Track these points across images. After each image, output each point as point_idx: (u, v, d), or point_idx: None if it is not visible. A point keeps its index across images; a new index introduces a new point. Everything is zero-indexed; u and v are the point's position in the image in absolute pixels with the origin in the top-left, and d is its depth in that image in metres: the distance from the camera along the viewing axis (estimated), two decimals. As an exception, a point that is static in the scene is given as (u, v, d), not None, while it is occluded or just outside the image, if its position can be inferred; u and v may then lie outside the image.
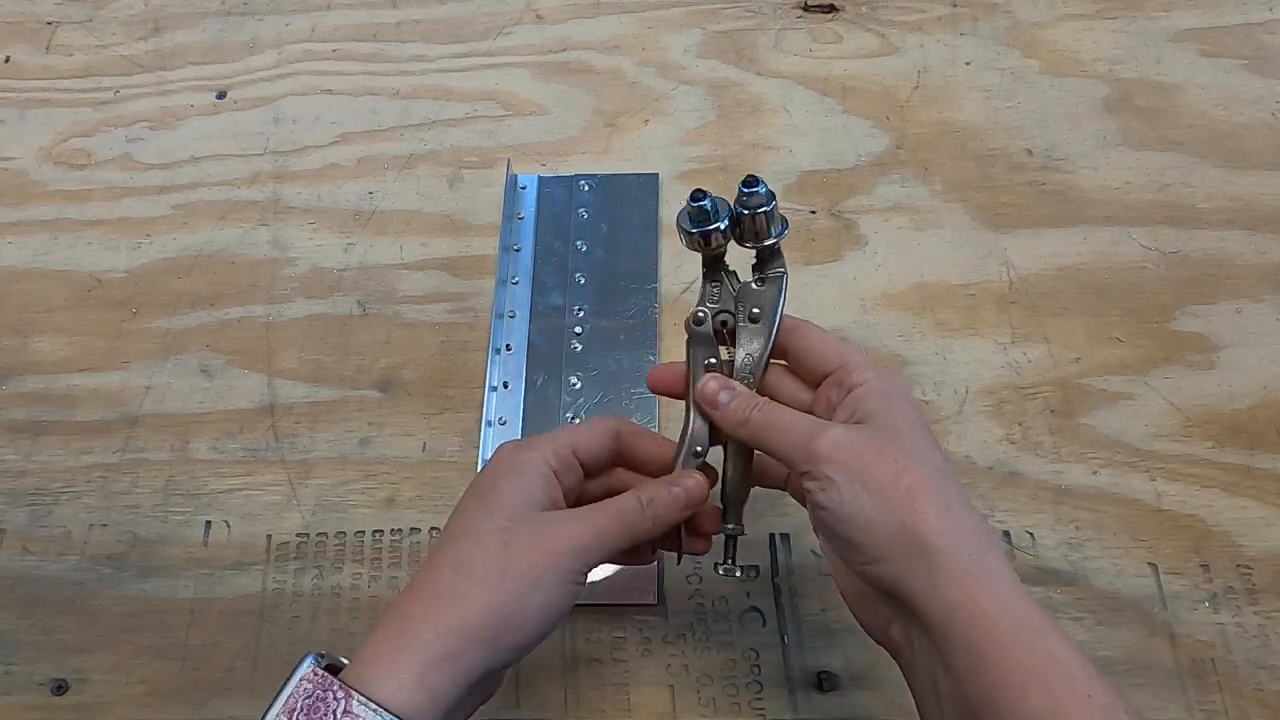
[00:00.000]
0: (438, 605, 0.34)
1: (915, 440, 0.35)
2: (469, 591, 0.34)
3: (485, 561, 0.35)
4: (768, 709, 0.44)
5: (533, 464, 0.37)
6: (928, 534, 0.33)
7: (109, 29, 0.68)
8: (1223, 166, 0.57)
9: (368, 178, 0.60)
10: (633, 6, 0.66)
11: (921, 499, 0.33)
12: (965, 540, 0.33)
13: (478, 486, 0.38)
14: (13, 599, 0.49)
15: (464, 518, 0.37)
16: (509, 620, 0.34)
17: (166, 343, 0.55)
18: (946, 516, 0.33)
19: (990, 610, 0.32)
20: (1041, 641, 0.32)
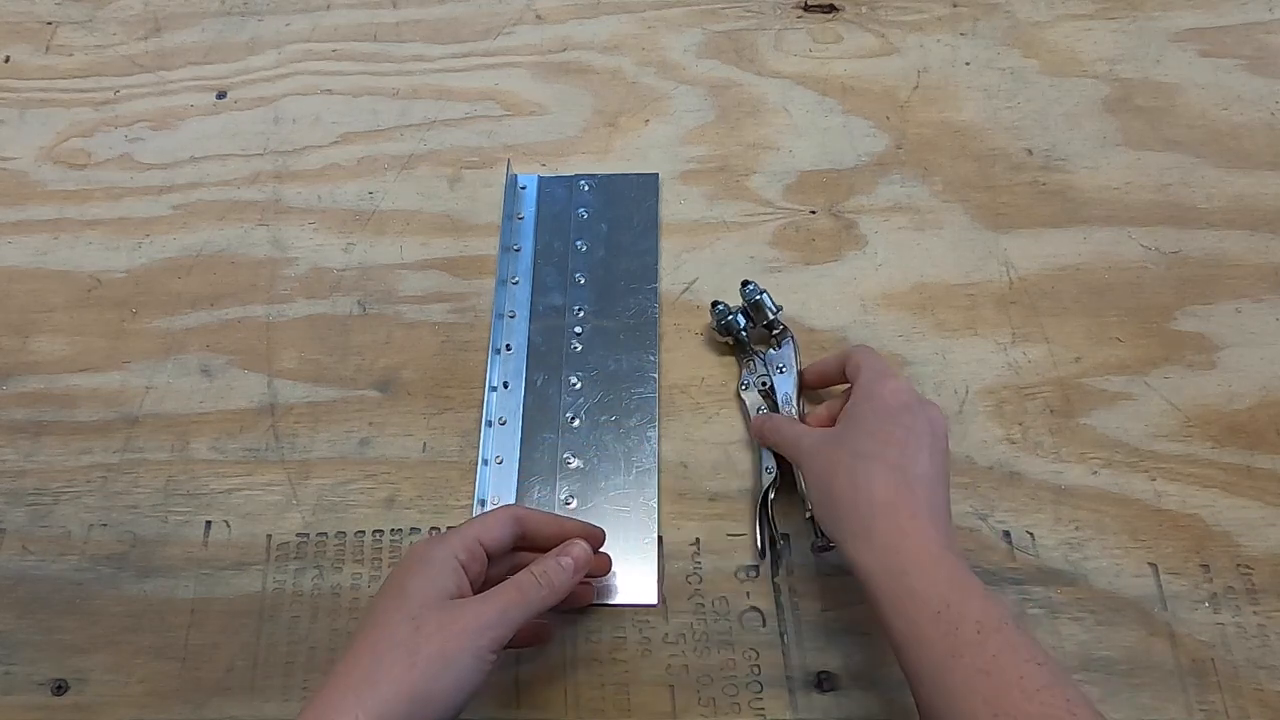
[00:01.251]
0: (357, 692, 0.36)
1: (870, 439, 0.42)
2: (384, 677, 0.37)
3: (396, 647, 0.37)
4: (768, 709, 0.44)
5: (441, 558, 0.40)
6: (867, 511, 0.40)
7: (109, 29, 0.68)
8: (1223, 166, 0.57)
9: (368, 178, 0.60)
10: (633, 6, 0.66)
11: (865, 486, 0.40)
12: (900, 511, 0.39)
13: (391, 583, 0.40)
14: (13, 599, 0.49)
15: (378, 612, 0.39)
16: (424, 700, 0.37)
17: (166, 343, 0.55)
18: (887, 493, 0.40)
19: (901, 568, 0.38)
20: (925, 585, 0.38)
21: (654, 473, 0.50)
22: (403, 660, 0.37)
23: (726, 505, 0.49)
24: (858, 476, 0.41)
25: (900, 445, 0.41)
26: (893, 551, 0.39)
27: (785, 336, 0.52)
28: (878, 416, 0.42)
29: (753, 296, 0.51)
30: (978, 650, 0.35)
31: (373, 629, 0.38)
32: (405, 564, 0.41)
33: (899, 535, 0.39)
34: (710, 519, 0.49)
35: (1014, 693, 0.34)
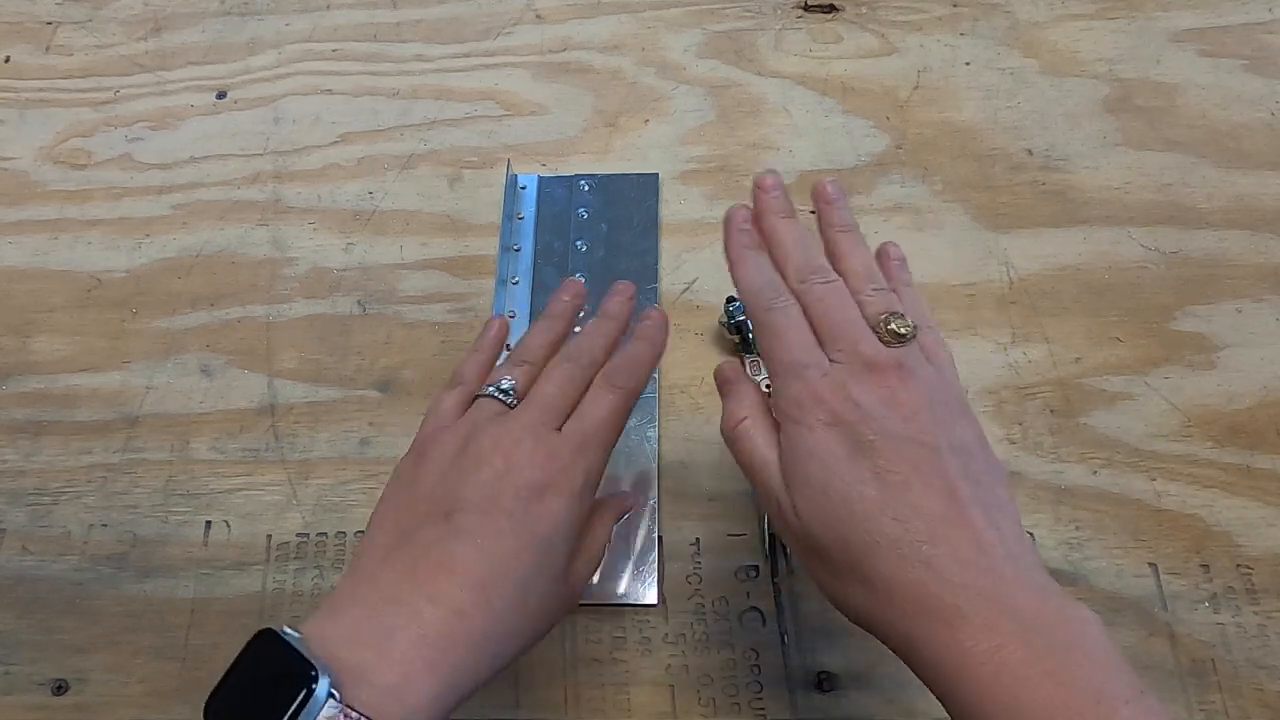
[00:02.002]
0: (476, 654, 0.33)
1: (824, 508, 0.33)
2: (510, 649, 0.34)
3: (513, 608, 0.34)
4: (768, 709, 0.44)
5: (585, 514, 0.37)
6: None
7: (109, 29, 0.68)
8: (1223, 166, 0.57)
9: (368, 178, 0.60)
10: (633, 6, 0.66)
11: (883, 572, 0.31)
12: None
13: (535, 527, 0.35)
14: (13, 599, 0.49)
15: (515, 558, 0.34)
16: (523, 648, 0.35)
17: (166, 343, 0.55)
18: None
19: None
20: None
21: (654, 473, 0.50)
22: (522, 637, 0.35)
23: (726, 505, 0.49)
24: (878, 592, 0.31)
25: (889, 511, 0.31)
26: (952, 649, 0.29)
27: None
28: (832, 479, 0.32)
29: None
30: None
31: (514, 583, 0.33)
32: (560, 488, 0.35)
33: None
34: (710, 519, 0.49)
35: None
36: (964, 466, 0.32)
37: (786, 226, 0.38)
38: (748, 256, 0.38)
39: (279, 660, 0.30)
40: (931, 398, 0.34)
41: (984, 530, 0.31)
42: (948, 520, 0.31)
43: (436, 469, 0.36)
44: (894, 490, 0.31)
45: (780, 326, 0.36)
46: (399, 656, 0.31)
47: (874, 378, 0.33)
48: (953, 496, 0.31)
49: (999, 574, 0.30)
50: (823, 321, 0.35)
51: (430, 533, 0.34)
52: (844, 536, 0.32)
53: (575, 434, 0.37)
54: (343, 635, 0.32)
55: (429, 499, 0.35)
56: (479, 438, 0.36)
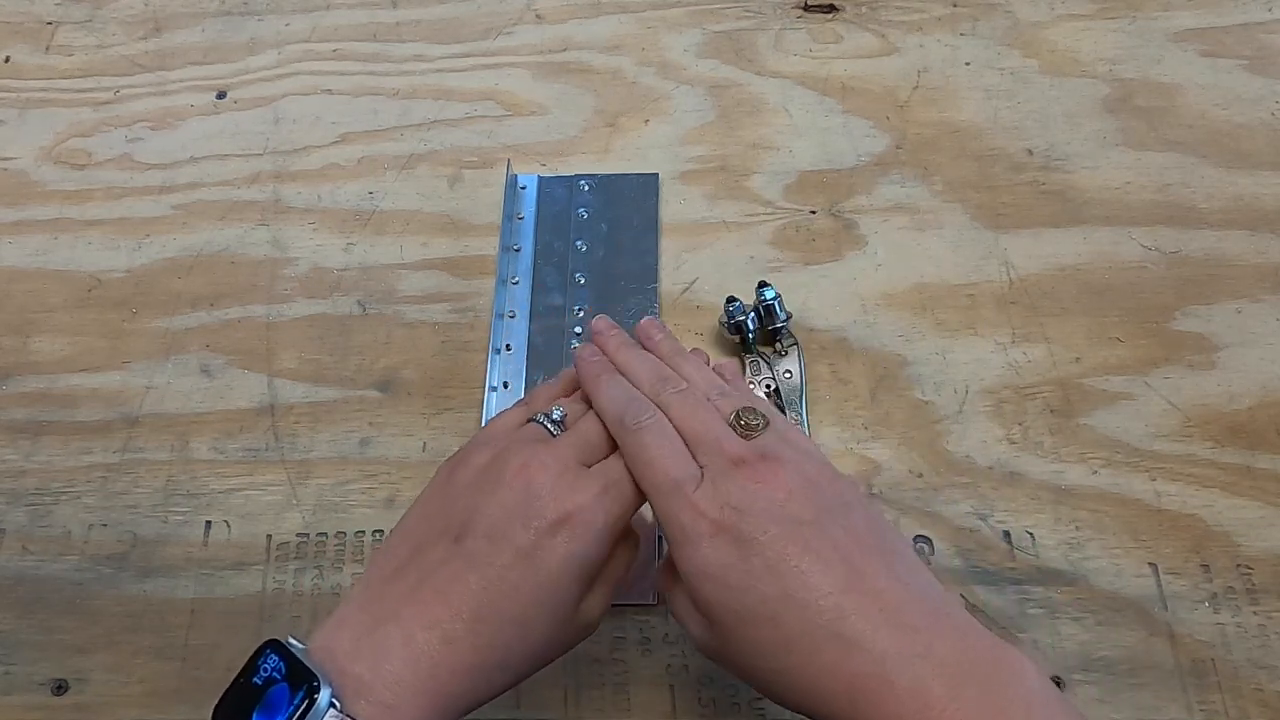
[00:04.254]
0: (465, 682, 0.33)
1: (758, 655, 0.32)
2: (504, 679, 0.34)
3: (518, 648, 0.34)
4: (768, 709, 0.44)
5: (601, 559, 0.36)
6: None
7: (109, 29, 0.68)
8: (1223, 166, 0.57)
9: (368, 178, 0.60)
10: (633, 6, 0.66)
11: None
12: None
13: (547, 565, 0.34)
14: (13, 599, 0.49)
15: (523, 592, 0.34)
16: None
17: (166, 343, 0.55)
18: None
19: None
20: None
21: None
22: (518, 669, 0.34)
23: (726, 505, 0.49)
24: (817, 699, 0.31)
25: (794, 608, 0.31)
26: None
27: (791, 345, 0.52)
28: (732, 591, 0.32)
29: (767, 299, 0.51)
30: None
31: (510, 619, 0.33)
32: (575, 526, 0.34)
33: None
34: (710, 519, 0.49)
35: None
36: (848, 528, 0.33)
37: (632, 353, 0.40)
38: (604, 378, 0.39)
39: (284, 669, 0.31)
40: (800, 474, 0.34)
41: (888, 587, 0.31)
42: (850, 589, 0.31)
43: (461, 482, 0.36)
44: (792, 579, 0.31)
45: (651, 447, 0.36)
46: (393, 677, 0.31)
47: (743, 473, 0.34)
48: (848, 563, 0.32)
49: (914, 628, 0.30)
50: (683, 427, 0.36)
51: (439, 553, 0.34)
52: (758, 643, 0.32)
53: (601, 474, 0.36)
54: (344, 648, 0.32)
55: (446, 514, 0.36)
56: (508, 457, 0.36)
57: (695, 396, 0.38)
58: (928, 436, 0.50)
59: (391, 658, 0.32)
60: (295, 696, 0.30)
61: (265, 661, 0.31)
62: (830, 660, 0.30)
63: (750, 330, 0.51)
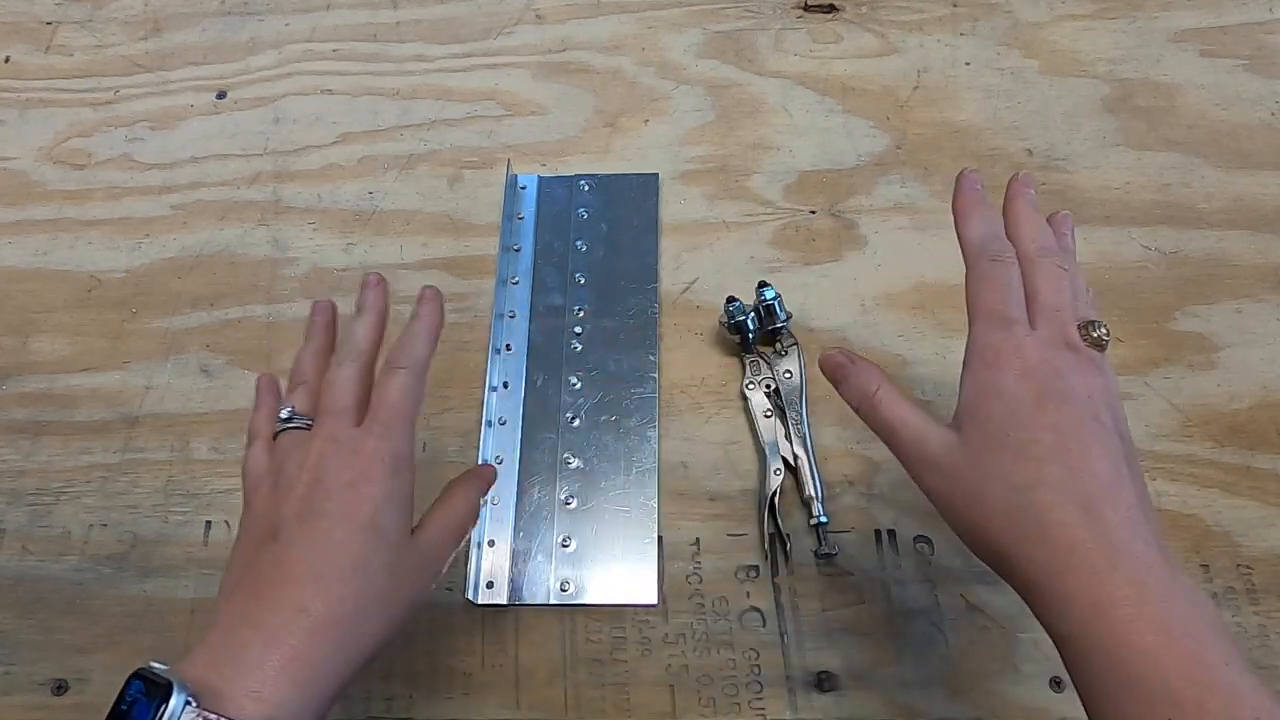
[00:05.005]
0: (342, 645, 0.34)
1: (1016, 460, 0.34)
2: (367, 631, 0.35)
3: (377, 601, 0.35)
4: (768, 709, 0.44)
5: (407, 488, 0.38)
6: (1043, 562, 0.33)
7: (109, 29, 0.68)
8: (1223, 166, 0.57)
9: (368, 178, 0.60)
10: (633, 6, 0.66)
11: (1038, 536, 0.33)
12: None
13: (354, 503, 0.36)
14: (13, 599, 0.49)
15: (352, 546, 0.35)
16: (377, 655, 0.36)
17: (166, 343, 0.55)
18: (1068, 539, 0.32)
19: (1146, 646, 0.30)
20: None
21: (654, 473, 0.50)
22: (380, 616, 0.35)
23: (726, 505, 0.49)
24: (1025, 524, 0.33)
25: (1061, 459, 0.33)
26: (1106, 623, 0.30)
27: (790, 345, 0.52)
28: (1014, 421, 0.34)
29: (767, 299, 0.51)
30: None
31: (350, 566, 0.35)
32: (370, 476, 0.36)
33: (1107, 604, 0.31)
34: (710, 519, 0.49)
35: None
36: (1128, 455, 0.34)
37: (1030, 210, 0.40)
38: (979, 208, 0.40)
39: (143, 689, 0.32)
40: (1110, 392, 0.36)
41: (1136, 505, 0.33)
42: (1112, 484, 0.33)
43: (260, 499, 0.38)
44: (1071, 443, 0.33)
45: (999, 279, 0.37)
46: (255, 663, 0.32)
47: (1073, 355, 0.35)
48: (1115, 470, 0.33)
49: (1145, 541, 0.32)
50: (1044, 293, 0.37)
51: (264, 555, 0.36)
52: (1011, 472, 0.33)
53: (373, 423, 0.38)
54: (204, 661, 0.33)
55: (257, 526, 0.37)
56: (286, 466, 0.38)
57: (1070, 280, 0.38)
58: (928, 436, 0.50)
59: (250, 650, 0.33)
60: (150, 704, 0.31)
61: (129, 689, 0.32)
62: (1067, 520, 0.32)
63: (750, 330, 0.51)
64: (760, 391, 0.51)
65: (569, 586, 0.47)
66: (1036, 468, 0.33)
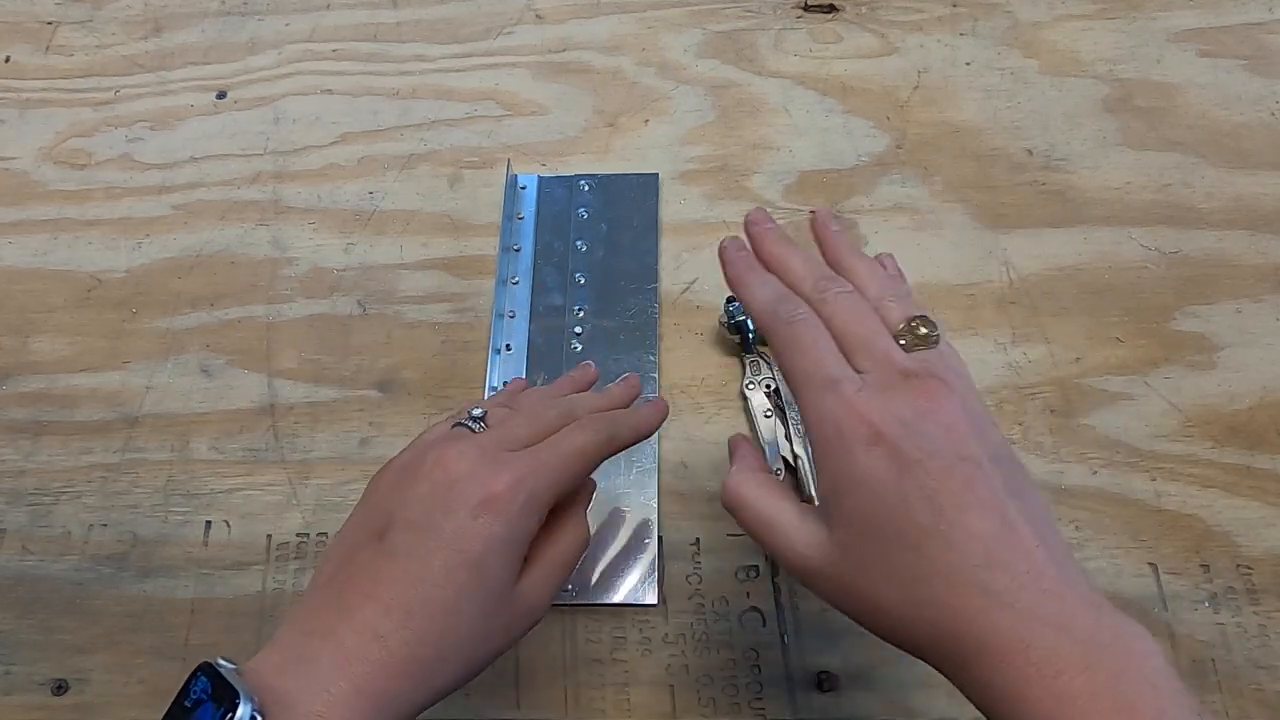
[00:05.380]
0: (401, 680, 0.32)
1: (876, 546, 0.31)
2: (443, 670, 0.33)
3: (461, 641, 0.33)
4: (768, 709, 0.44)
5: (524, 534, 0.35)
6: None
7: (109, 29, 0.68)
8: (1223, 166, 0.57)
9: (368, 178, 0.60)
10: (633, 6, 0.66)
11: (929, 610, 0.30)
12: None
13: (461, 542, 0.33)
14: (13, 599, 0.49)
15: (451, 587, 0.33)
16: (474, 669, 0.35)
17: (166, 343, 0.55)
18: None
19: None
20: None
21: (654, 473, 0.50)
22: (461, 662, 0.33)
23: (726, 505, 0.49)
24: (926, 623, 0.30)
25: (941, 537, 0.30)
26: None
27: None
28: (881, 508, 0.31)
29: None
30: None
31: (441, 608, 0.32)
32: (499, 507, 0.34)
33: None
34: (710, 519, 0.49)
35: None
36: (1006, 480, 0.31)
37: (790, 250, 0.38)
38: (753, 274, 0.37)
39: (210, 690, 0.30)
40: (967, 407, 0.32)
41: (1036, 549, 0.30)
42: (1001, 542, 0.30)
43: (384, 483, 0.36)
44: (947, 514, 0.30)
45: (804, 340, 0.34)
46: (322, 684, 0.31)
47: (911, 387, 0.32)
48: (1003, 515, 0.30)
49: (1057, 595, 0.29)
50: (846, 332, 0.34)
51: (365, 554, 0.34)
52: (893, 567, 0.30)
53: (528, 455, 0.35)
54: (274, 664, 0.32)
55: (370, 517, 0.35)
56: (428, 453, 0.36)
57: (860, 301, 0.35)
58: (928, 436, 0.50)
59: (321, 666, 0.31)
60: (217, 713, 0.29)
61: (195, 684, 0.31)
62: (967, 606, 0.29)
63: (750, 330, 0.51)
64: (760, 391, 0.51)
65: (569, 586, 0.47)
66: (917, 558, 0.30)
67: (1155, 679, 0.28)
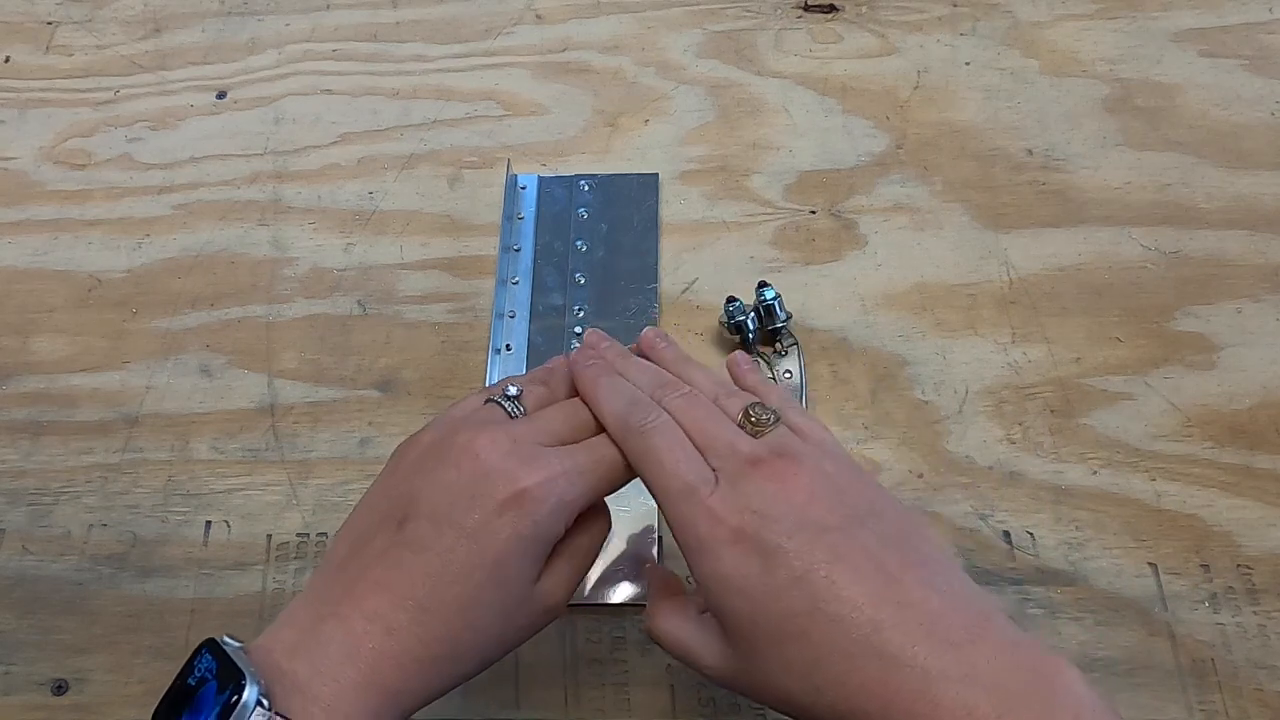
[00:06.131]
0: (410, 675, 0.31)
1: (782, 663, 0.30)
2: (458, 669, 0.33)
3: (476, 640, 0.33)
4: (768, 711, 0.44)
5: (548, 536, 0.33)
6: None
7: (109, 29, 0.68)
8: (1223, 166, 0.57)
9: (368, 178, 0.60)
10: (633, 6, 0.66)
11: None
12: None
13: (485, 548, 0.32)
14: (13, 599, 0.49)
15: (470, 585, 0.32)
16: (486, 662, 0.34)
17: (166, 343, 0.55)
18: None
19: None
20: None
21: (654, 473, 0.49)
22: (474, 658, 0.33)
23: (726, 505, 0.49)
24: (835, 708, 0.29)
25: (822, 621, 0.29)
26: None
27: (791, 345, 0.52)
28: (758, 608, 0.30)
29: (767, 299, 0.51)
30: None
31: (458, 606, 0.31)
32: (529, 504, 0.32)
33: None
34: (710, 519, 0.49)
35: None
36: (880, 534, 0.31)
37: (630, 362, 0.39)
38: (604, 380, 0.37)
39: (215, 669, 0.30)
40: (820, 473, 0.32)
41: (926, 597, 0.29)
42: (886, 600, 0.29)
43: (406, 464, 0.35)
44: (821, 591, 0.29)
45: (660, 449, 0.34)
46: (331, 672, 0.30)
47: (760, 473, 0.32)
48: (882, 572, 0.30)
49: (956, 642, 0.28)
50: (691, 430, 0.34)
51: (381, 541, 0.33)
52: (786, 660, 0.30)
53: (564, 455, 0.34)
54: (284, 646, 0.31)
55: (389, 499, 0.34)
56: (457, 434, 0.34)
57: (700, 399, 0.36)
58: (928, 436, 0.50)
59: (330, 653, 0.31)
60: (221, 695, 0.29)
61: (200, 661, 0.30)
62: (866, 678, 0.28)
63: (750, 330, 0.51)
64: None
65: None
66: (805, 645, 0.29)
67: (1078, 709, 0.27)
